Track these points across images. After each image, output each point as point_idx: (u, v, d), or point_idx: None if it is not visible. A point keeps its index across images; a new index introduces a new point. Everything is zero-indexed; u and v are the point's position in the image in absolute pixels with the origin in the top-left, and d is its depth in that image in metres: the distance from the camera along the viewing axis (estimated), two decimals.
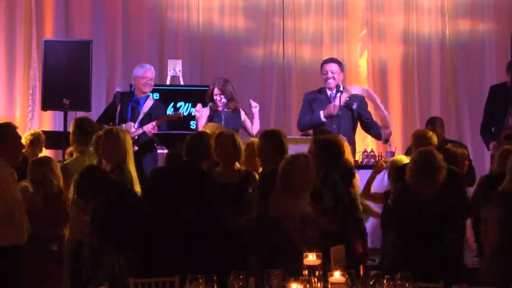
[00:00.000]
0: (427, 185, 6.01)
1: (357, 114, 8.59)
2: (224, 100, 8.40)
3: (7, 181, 5.51)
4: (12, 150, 5.63)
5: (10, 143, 5.61)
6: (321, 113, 8.50)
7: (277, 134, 6.56)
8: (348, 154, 7.08)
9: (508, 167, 5.78)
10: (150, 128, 8.47)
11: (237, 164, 6.48)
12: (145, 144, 8.49)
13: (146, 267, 5.90)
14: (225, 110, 8.39)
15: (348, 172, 6.52)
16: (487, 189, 6.19)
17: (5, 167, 5.54)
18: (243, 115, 8.55)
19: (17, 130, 5.76)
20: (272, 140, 6.48)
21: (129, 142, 6.43)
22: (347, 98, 8.48)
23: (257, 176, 6.42)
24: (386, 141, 8.51)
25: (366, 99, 8.67)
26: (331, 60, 8.74)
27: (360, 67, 10.99)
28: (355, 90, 8.61)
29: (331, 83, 8.54)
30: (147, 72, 8.79)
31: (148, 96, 8.92)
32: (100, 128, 7.09)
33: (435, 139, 6.99)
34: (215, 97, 8.49)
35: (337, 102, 8.39)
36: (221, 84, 8.53)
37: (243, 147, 6.56)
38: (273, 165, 6.15)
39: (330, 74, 8.54)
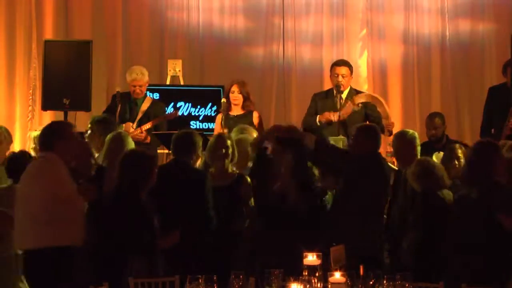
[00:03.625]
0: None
1: (364, 114, 8.59)
2: (236, 102, 8.42)
3: (63, 180, 5.50)
4: (69, 149, 5.62)
5: (68, 142, 5.61)
6: (317, 117, 8.50)
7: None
8: None
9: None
10: (147, 128, 8.49)
11: (230, 166, 6.52)
12: (142, 143, 8.48)
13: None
14: (232, 113, 8.41)
15: None
16: None
17: (62, 165, 5.54)
18: (256, 118, 8.52)
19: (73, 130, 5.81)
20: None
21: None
22: (356, 105, 8.48)
23: (248, 179, 6.46)
24: (390, 132, 8.50)
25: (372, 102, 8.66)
26: (342, 63, 8.68)
27: (360, 67, 10.99)
28: (361, 98, 8.59)
29: (340, 87, 8.52)
30: (134, 81, 8.73)
31: (146, 96, 8.92)
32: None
33: (418, 142, 6.97)
34: (231, 94, 8.49)
35: (335, 117, 8.36)
36: (240, 82, 8.56)
37: (235, 149, 6.61)
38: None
39: (340, 78, 8.52)
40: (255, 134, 7.35)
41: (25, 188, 5.52)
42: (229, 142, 6.53)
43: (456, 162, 6.75)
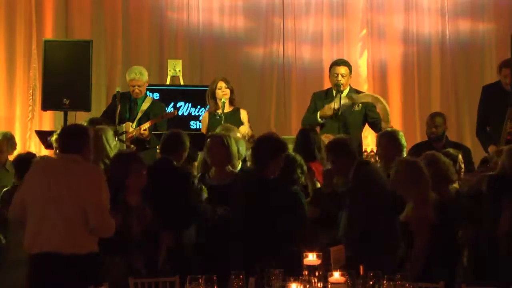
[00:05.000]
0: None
1: (364, 115, 8.59)
2: (224, 99, 8.42)
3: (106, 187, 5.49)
4: (91, 154, 5.64)
5: (91, 147, 5.62)
6: (318, 113, 8.52)
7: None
8: None
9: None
10: (146, 127, 8.49)
11: (229, 167, 6.52)
12: (142, 143, 8.47)
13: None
14: (224, 111, 8.41)
15: None
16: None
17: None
18: (244, 115, 8.56)
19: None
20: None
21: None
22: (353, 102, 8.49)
23: None
24: None
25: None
26: (341, 63, 8.69)
27: (360, 67, 10.99)
28: (365, 98, 8.60)
29: (339, 86, 8.52)
30: (133, 81, 8.75)
31: (147, 96, 8.93)
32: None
33: (404, 142, 6.98)
34: (218, 91, 8.48)
35: (336, 105, 8.38)
36: (223, 78, 8.58)
37: (235, 148, 6.61)
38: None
39: (339, 77, 8.53)
40: (239, 134, 7.41)
41: (73, 192, 5.35)
42: (226, 141, 6.54)
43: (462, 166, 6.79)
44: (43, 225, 5.31)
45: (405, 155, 6.77)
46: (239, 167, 6.79)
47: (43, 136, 8.34)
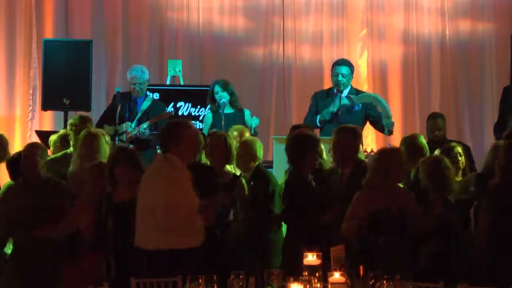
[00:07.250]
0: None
1: (364, 115, 8.58)
2: (223, 100, 8.44)
3: (187, 184, 5.51)
4: (187, 151, 5.63)
5: (186, 145, 5.61)
6: (318, 117, 8.51)
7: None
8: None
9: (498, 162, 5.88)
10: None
11: (227, 167, 6.52)
12: (141, 143, 8.47)
13: None
14: (225, 112, 8.42)
15: None
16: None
17: (184, 170, 5.56)
18: (248, 115, 8.56)
19: (192, 130, 5.74)
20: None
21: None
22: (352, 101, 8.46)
23: (243, 181, 6.47)
24: (390, 132, 8.49)
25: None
26: (343, 63, 8.68)
27: (360, 67, 10.98)
28: (364, 99, 8.60)
29: (340, 86, 8.51)
30: (134, 79, 8.76)
31: (147, 95, 8.93)
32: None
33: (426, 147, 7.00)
34: (216, 95, 8.54)
35: (334, 108, 8.37)
36: (221, 83, 8.59)
37: (234, 148, 6.61)
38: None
39: (340, 77, 8.52)
40: (247, 134, 7.44)
41: (148, 190, 5.53)
42: (226, 140, 6.54)
43: (460, 159, 6.81)
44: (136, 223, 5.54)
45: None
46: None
47: (43, 136, 8.34)
